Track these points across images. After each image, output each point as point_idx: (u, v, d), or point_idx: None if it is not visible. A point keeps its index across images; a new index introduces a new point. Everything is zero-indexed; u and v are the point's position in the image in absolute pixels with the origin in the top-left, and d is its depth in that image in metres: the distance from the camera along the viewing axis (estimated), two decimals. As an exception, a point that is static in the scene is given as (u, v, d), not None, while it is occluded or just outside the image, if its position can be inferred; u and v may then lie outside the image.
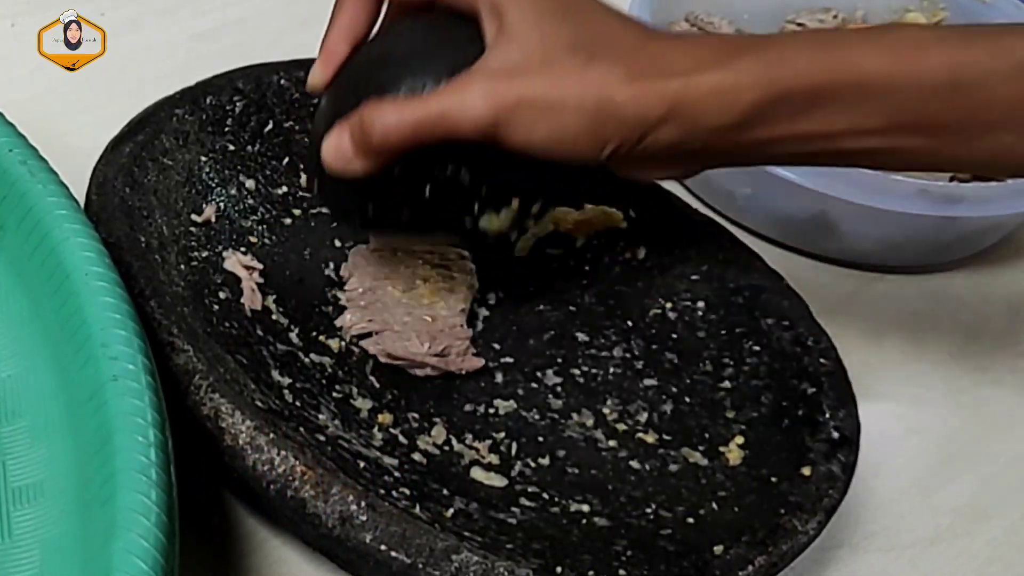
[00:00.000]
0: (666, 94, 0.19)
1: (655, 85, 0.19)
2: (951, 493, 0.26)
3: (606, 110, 0.19)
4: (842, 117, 0.19)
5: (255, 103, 0.28)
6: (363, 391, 0.24)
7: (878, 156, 0.20)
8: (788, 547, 0.21)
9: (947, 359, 0.30)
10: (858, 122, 0.19)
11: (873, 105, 0.19)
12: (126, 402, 0.17)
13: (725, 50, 0.20)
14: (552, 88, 0.19)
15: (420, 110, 0.20)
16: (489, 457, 0.23)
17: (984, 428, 0.28)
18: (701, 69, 0.19)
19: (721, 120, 0.19)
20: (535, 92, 0.19)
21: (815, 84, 0.19)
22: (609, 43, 0.19)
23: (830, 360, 0.25)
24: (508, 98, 0.19)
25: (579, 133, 0.19)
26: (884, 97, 0.19)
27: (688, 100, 0.19)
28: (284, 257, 0.26)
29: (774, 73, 0.19)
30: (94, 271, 0.19)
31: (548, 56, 0.19)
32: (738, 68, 0.19)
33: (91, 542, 0.16)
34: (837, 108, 0.19)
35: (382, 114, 0.20)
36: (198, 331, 0.22)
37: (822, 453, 0.23)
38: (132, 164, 0.24)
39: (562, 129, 0.19)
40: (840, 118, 0.19)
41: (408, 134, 0.20)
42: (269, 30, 0.35)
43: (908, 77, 0.19)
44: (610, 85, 0.19)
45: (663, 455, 0.24)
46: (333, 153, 0.21)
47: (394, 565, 0.19)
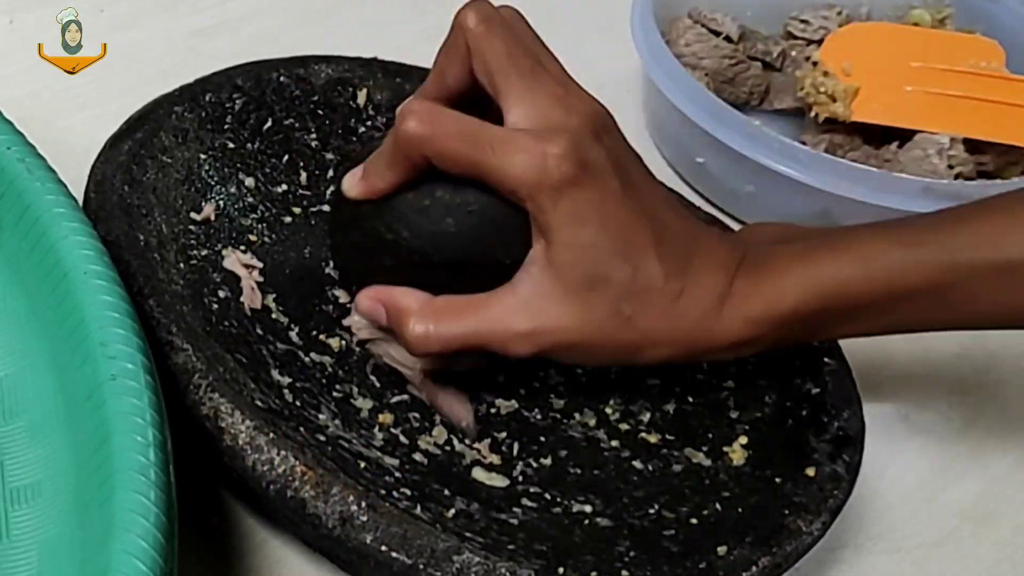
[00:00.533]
0: (690, 344, 0.21)
1: (681, 334, 0.21)
2: (957, 494, 0.26)
3: (639, 353, 0.21)
4: (874, 322, 0.22)
5: (255, 100, 0.27)
6: (364, 391, 0.24)
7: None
8: (792, 548, 0.20)
9: (952, 359, 0.30)
10: (890, 324, 0.22)
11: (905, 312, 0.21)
12: (124, 401, 0.17)
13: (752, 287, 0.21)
14: (591, 338, 0.20)
15: (464, 328, 0.21)
16: (491, 457, 0.23)
17: (989, 428, 0.28)
18: (720, 320, 0.21)
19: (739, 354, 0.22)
20: (574, 341, 0.20)
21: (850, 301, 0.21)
22: (646, 293, 0.20)
23: (834, 359, 0.25)
24: (549, 344, 0.21)
25: (618, 361, 0.22)
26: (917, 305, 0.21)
27: (710, 351, 0.21)
28: (284, 256, 0.26)
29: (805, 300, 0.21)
30: (92, 269, 0.19)
31: (588, 306, 0.20)
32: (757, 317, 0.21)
33: (89, 543, 0.16)
34: (868, 318, 0.22)
35: (427, 321, 0.21)
36: (197, 330, 0.22)
37: (826, 453, 0.22)
38: (131, 162, 0.24)
39: (600, 362, 0.22)
40: (872, 323, 0.22)
41: (448, 347, 0.21)
42: (269, 27, 0.35)
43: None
44: (642, 337, 0.21)
45: (666, 455, 0.24)
46: (364, 313, 0.23)
47: (395, 566, 0.18)
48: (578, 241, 0.20)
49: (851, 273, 0.21)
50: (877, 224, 0.22)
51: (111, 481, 0.16)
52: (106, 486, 0.16)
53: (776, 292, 0.21)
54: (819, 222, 0.31)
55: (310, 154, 0.28)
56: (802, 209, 0.31)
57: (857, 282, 0.21)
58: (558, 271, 0.20)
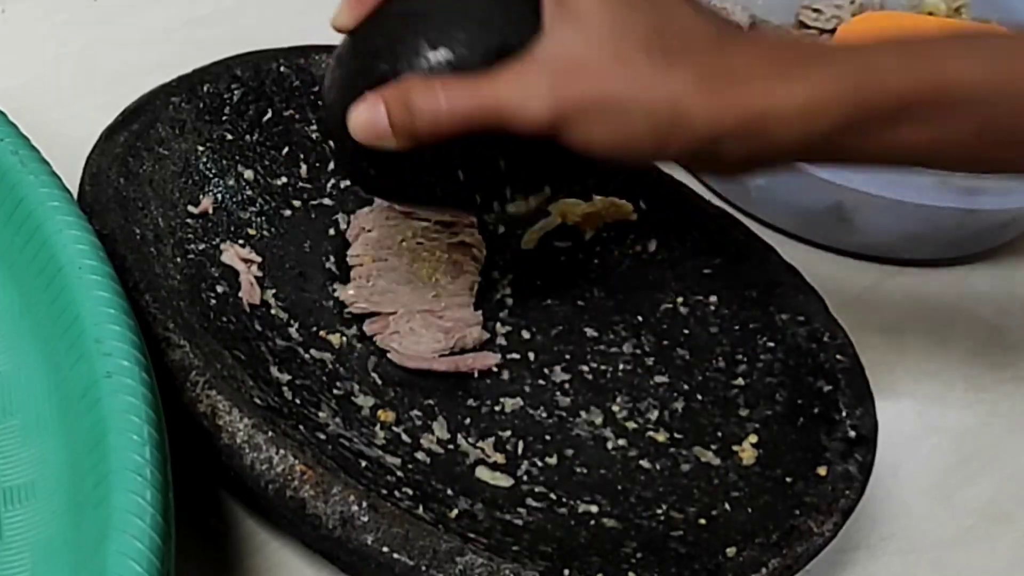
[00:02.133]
0: (744, 109, 0.17)
1: (732, 96, 0.17)
2: (972, 493, 0.26)
3: (678, 119, 0.17)
4: (931, 128, 0.18)
5: (253, 91, 0.27)
6: (364, 388, 0.23)
7: (961, 165, 0.20)
8: (803, 549, 0.20)
9: (968, 355, 0.29)
10: (947, 134, 0.18)
11: (964, 117, 0.18)
12: (120, 399, 0.17)
13: (807, 57, 0.18)
14: (622, 90, 0.17)
15: (475, 98, 0.18)
16: (495, 456, 0.23)
17: (1006, 426, 0.28)
18: (783, 79, 0.17)
19: (801, 137, 0.18)
20: (603, 94, 0.17)
21: (905, 96, 0.18)
22: (684, 41, 0.17)
23: (847, 356, 0.24)
24: (573, 99, 0.17)
25: (644, 139, 0.18)
26: (976, 109, 0.18)
27: (768, 116, 0.18)
28: (283, 250, 0.26)
29: (862, 84, 0.18)
30: (87, 264, 0.19)
31: (619, 51, 0.17)
32: (823, 80, 0.18)
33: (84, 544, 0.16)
34: (926, 120, 0.18)
35: (431, 97, 0.18)
36: (195, 326, 0.21)
37: (838, 452, 0.22)
38: (127, 154, 0.24)
39: (627, 134, 0.18)
40: (929, 129, 0.18)
41: (458, 123, 0.18)
42: (268, 16, 0.34)
43: (1003, 88, 0.18)
44: (684, 91, 0.17)
45: (674, 454, 0.23)
46: (365, 126, 0.19)
47: (396, 567, 0.18)
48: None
49: (898, 64, 0.18)
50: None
51: (106, 481, 0.16)
52: (101, 486, 0.16)
53: (826, 74, 0.17)
54: (831, 216, 0.30)
55: (310, 146, 0.28)
56: (814, 203, 0.30)
57: (906, 75, 0.18)
58: (577, 22, 0.17)
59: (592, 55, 0.17)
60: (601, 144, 0.18)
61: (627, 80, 0.17)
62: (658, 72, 0.17)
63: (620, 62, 0.17)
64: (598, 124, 0.18)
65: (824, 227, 0.31)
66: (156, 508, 0.15)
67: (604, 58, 0.17)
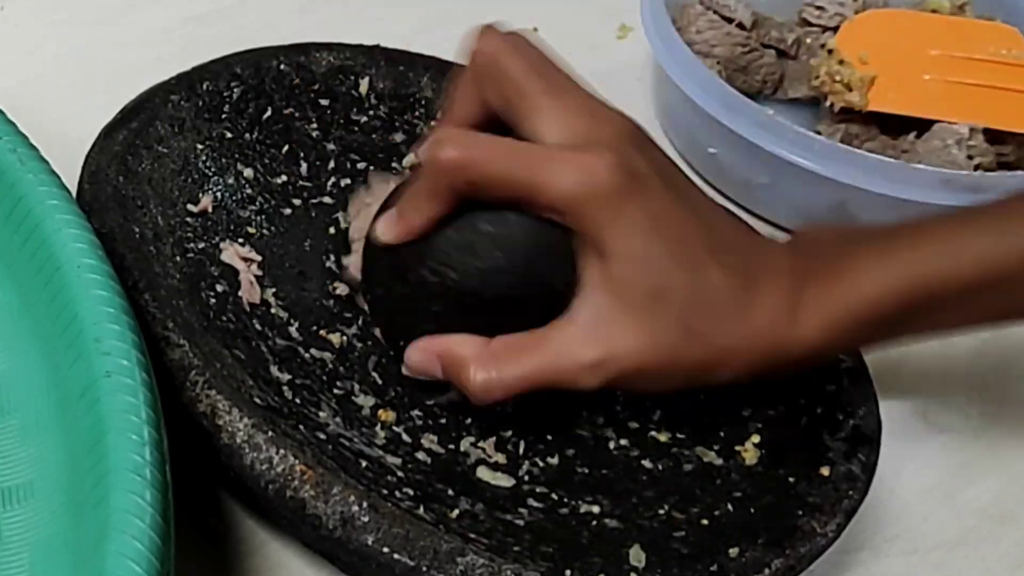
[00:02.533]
0: (767, 360, 0.20)
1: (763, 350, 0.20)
2: (976, 493, 0.26)
3: (710, 373, 0.20)
4: (958, 315, 0.21)
5: (253, 89, 0.27)
6: (365, 387, 0.23)
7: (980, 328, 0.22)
8: (806, 550, 0.20)
9: (972, 354, 0.29)
10: (974, 316, 0.21)
11: (992, 300, 0.20)
12: (119, 399, 0.17)
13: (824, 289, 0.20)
14: (662, 361, 0.19)
15: (528, 368, 0.19)
16: (496, 456, 0.23)
17: (1010, 427, 0.27)
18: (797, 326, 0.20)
19: (816, 363, 0.21)
20: (643, 365, 0.19)
21: (934, 294, 0.20)
22: (710, 300, 0.19)
23: (850, 356, 0.24)
24: (616, 372, 0.19)
25: (683, 384, 0.20)
26: (1006, 292, 0.20)
27: (787, 363, 0.20)
28: (284, 249, 0.26)
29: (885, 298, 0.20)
30: (86, 263, 0.19)
31: (654, 329, 0.19)
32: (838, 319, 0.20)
33: (83, 544, 0.16)
34: (953, 311, 0.20)
35: (488, 368, 0.20)
36: (194, 325, 0.21)
37: (841, 452, 0.22)
38: (126, 152, 0.24)
39: (667, 387, 0.21)
40: (956, 316, 0.21)
41: (513, 392, 0.20)
42: (268, 13, 0.34)
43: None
44: (717, 357, 0.20)
45: (676, 454, 0.23)
46: (418, 370, 0.21)
47: (397, 568, 0.18)
48: (635, 253, 0.19)
49: (937, 263, 0.20)
50: (948, 215, 0.21)
51: (105, 481, 0.16)
52: (100, 486, 0.16)
53: (854, 293, 0.20)
54: (835, 214, 0.30)
55: (311, 144, 0.28)
56: (817, 201, 0.30)
57: (944, 271, 0.20)
58: (617, 288, 0.19)
59: (630, 331, 0.19)
60: (652, 391, 0.22)
61: (666, 351, 0.19)
62: (693, 342, 0.19)
63: (658, 335, 0.19)
64: (639, 383, 0.20)
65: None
66: (155, 508, 0.15)
67: (642, 335, 0.19)
